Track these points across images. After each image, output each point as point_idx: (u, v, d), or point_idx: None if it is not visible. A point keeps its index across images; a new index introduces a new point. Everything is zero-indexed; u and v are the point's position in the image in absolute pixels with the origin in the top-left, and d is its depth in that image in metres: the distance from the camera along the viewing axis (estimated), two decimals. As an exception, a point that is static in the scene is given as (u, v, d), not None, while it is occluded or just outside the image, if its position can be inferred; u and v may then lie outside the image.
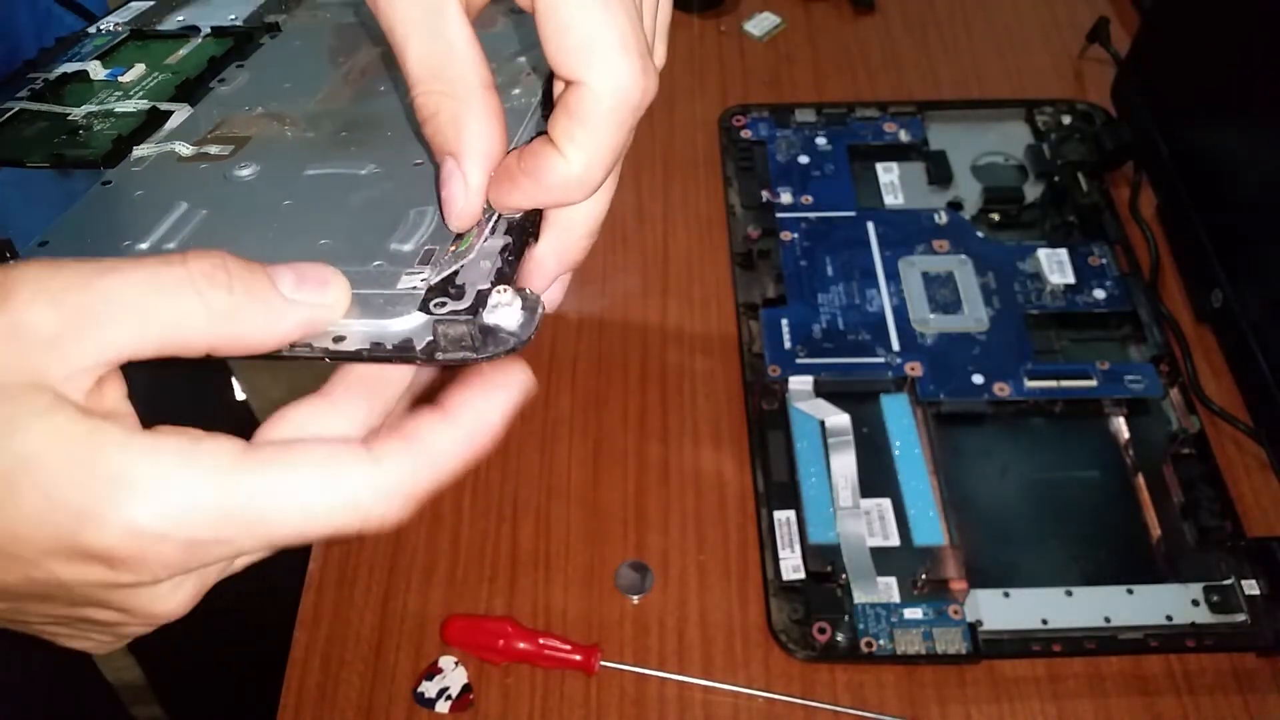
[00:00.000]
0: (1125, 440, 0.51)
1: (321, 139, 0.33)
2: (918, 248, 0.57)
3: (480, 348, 0.24)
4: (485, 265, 0.26)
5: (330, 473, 0.21)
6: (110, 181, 0.33)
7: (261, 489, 0.21)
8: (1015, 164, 0.62)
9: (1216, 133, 0.55)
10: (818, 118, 0.64)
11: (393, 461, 0.22)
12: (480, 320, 0.24)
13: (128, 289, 0.20)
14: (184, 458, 0.20)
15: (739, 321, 0.55)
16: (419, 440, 0.22)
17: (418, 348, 0.24)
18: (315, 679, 0.45)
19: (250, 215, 0.29)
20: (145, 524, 0.20)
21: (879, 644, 0.44)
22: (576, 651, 0.44)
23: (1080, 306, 0.55)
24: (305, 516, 0.21)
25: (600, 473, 0.51)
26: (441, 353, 0.24)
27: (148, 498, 0.20)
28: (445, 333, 0.24)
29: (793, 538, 0.47)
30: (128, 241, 0.29)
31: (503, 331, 0.24)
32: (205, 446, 0.20)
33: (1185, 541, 0.47)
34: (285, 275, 0.22)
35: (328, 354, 0.23)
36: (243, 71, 0.38)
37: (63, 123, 0.36)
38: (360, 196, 0.29)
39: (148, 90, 0.37)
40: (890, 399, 0.52)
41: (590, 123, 0.23)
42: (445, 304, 0.25)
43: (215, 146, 0.33)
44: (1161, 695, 0.44)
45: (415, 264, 0.26)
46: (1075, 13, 0.72)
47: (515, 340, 0.24)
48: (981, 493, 0.49)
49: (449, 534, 0.49)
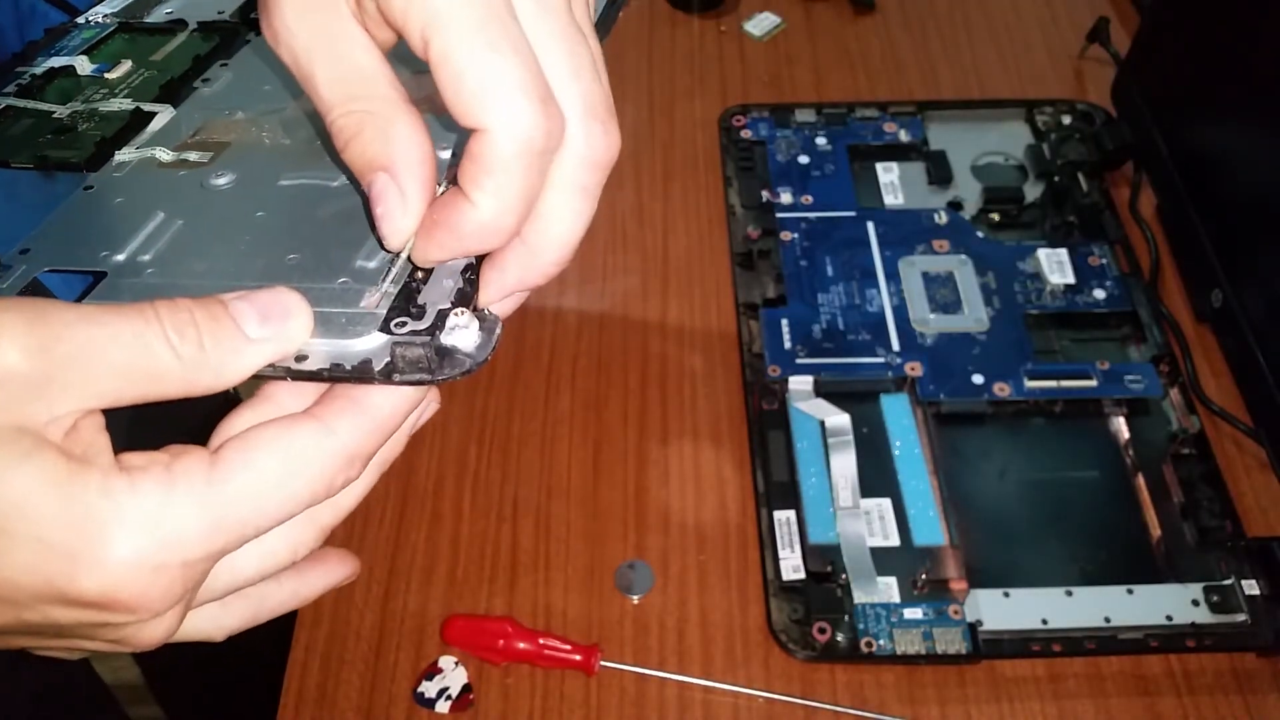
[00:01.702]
0: (1125, 440, 0.51)
1: (297, 146, 0.33)
2: (918, 248, 0.57)
3: (436, 370, 0.24)
4: (447, 284, 0.26)
5: (292, 454, 0.22)
6: (92, 186, 0.33)
7: (238, 492, 0.22)
8: (1015, 164, 0.62)
9: (1216, 133, 0.55)
10: (818, 118, 0.64)
11: (344, 425, 0.23)
12: (437, 342, 0.24)
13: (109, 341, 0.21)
14: (162, 487, 0.21)
15: (739, 321, 0.55)
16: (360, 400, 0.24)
17: (376, 369, 0.24)
18: (315, 679, 0.45)
19: (224, 227, 0.30)
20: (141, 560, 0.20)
21: (879, 644, 0.44)
22: (576, 651, 0.44)
23: (1080, 306, 0.55)
24: (280, 498, 0.22)
25: (600, 473, 0.51)
26: (399, 374, 0.24)
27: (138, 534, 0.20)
28: (403, 355, 0.24)
29: (793, 538, 0.47)
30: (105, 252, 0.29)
31: (459, 353, 0.25)
32: (178, 469, 0.21)
33: (1185, 541, 0.47)
34: (249, 315, 0.23)
35: (289, 373, 0.24)
36: (226, 71, 0.38)
37: (48, 121, 0.36)
38: (330, 209, 0.30)
39: (133, 88, 0.37)
40: (890, 399, 0.52)
41: (495, 168, 0.22)
42: (405, 324, 0.25)
43: (194, 153, 0.33)
44: (1161, 695, 0.44)
45: (379, 280, 0.26)
46: (1075, 13, 0.72)
47: (471, 362, 0.24)
48: (981, 493, 0.49)
49: (449, 534, 0.49)
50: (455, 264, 0.26)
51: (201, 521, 0.21)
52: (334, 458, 0.23)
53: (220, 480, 0.22)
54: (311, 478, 0.23)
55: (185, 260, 0.28)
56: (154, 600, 0.21)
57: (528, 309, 0.57)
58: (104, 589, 0.20)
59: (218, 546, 0.22)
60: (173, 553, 0.21)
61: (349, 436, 0.23)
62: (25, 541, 0.20)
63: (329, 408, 0.24)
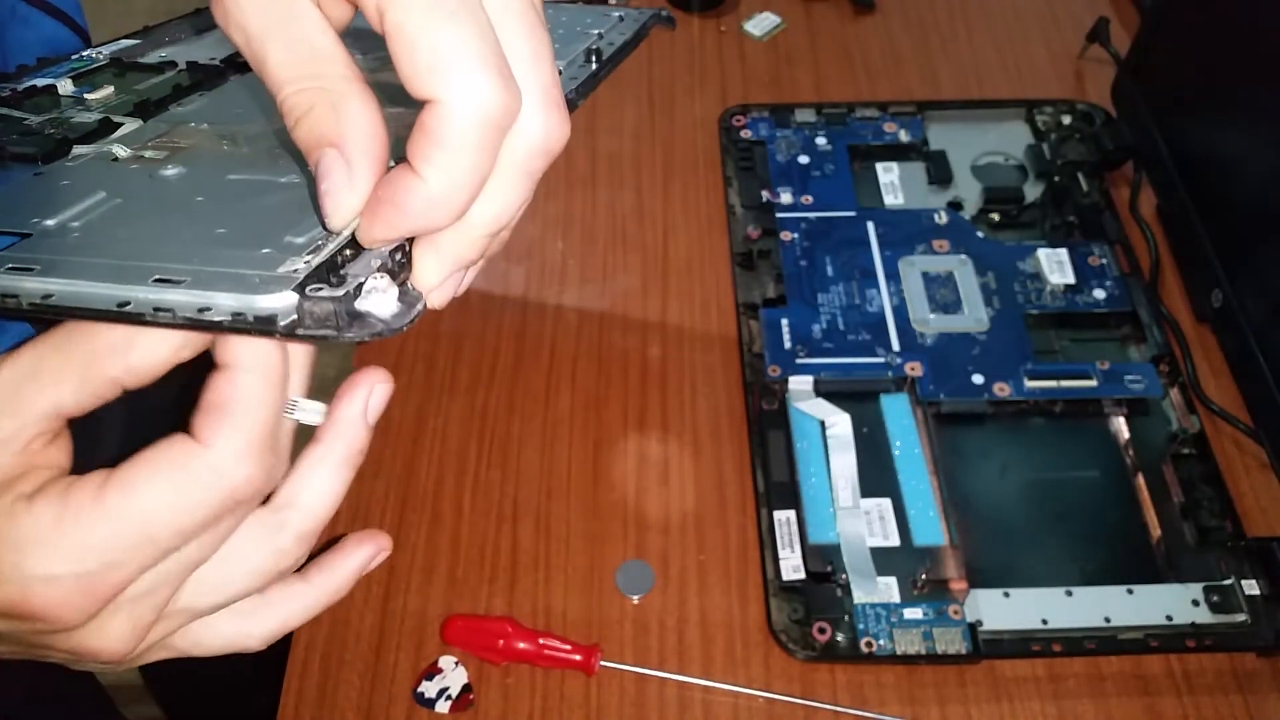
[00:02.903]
0: (1125, 440, 0.51)
1: (258, 154, 0.32)
2: (918, 248, 0.57)
3: (344, 328, 0.23)
4: (374, 262, 0.25)
5: (172, 470, 0.23)
6: (41, 173, 0.32)
7: (125, 508, 0.23)
8: (1015, 164, 0.62)
9: (1216, 133, 0.55)
10: (818, 118, 0.64)
11: (217, 435, 0.23)
12: (349, 304, 0.23)
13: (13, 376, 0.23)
14: (55, 508, 0.22)
15: (739, 321, 0.55)
16: (228, 403, 0.24)
17: (279, 324, 0.23)
18: (315, 679, 0.45)
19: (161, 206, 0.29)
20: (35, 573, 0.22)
21: (879, 644, 0.44)
22: (576, 651, 0.44)
23: (1080, 306, 0.55)
24: (173, 513, 0.23)
25: (600, 473, 0.51)
26: (303, 329, 0.23)
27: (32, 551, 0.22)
28: (311, 310, 0.23)
29: (793, 538, 0.47)
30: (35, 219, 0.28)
31: (372, 317, 0.24)
32: (71, 492, 0.23)
33: (1185, 541, 0.47)
34: None
35: (191, 322, 0.23)
36: (204, 97, 0.37)
37: (17, 125, 0.36)
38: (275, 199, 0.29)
39: (108, 107, 0.37)
40: (890, 399, 0.52)
41: (446, 142, 0.22)
42: (321, 290, 0.24)
43: (152, 151, 0.33)
44: (1161, 695, 0.44)
45: (304, 254, 0.25)
46: (1075, 13, 0.72)
47: (384, 328, 0.23)
48: (981, 493, 0.49)
49: (449, 534, 0.49)
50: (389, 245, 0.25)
51: (90, 537, 0.22)
52: (212, 467, 0.23)
53: (106, 501, 0.23)
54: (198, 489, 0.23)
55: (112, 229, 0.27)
56: (58, 609, 0.23)
57: (527, 308, 0.57)
58: (10, 599, 0.22)
59: (112, 558, 0.23)
60: (64, 565, 0.22)
61: (224, 443, 0.23)
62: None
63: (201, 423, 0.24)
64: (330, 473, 0.26)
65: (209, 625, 0.27)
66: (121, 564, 0.23)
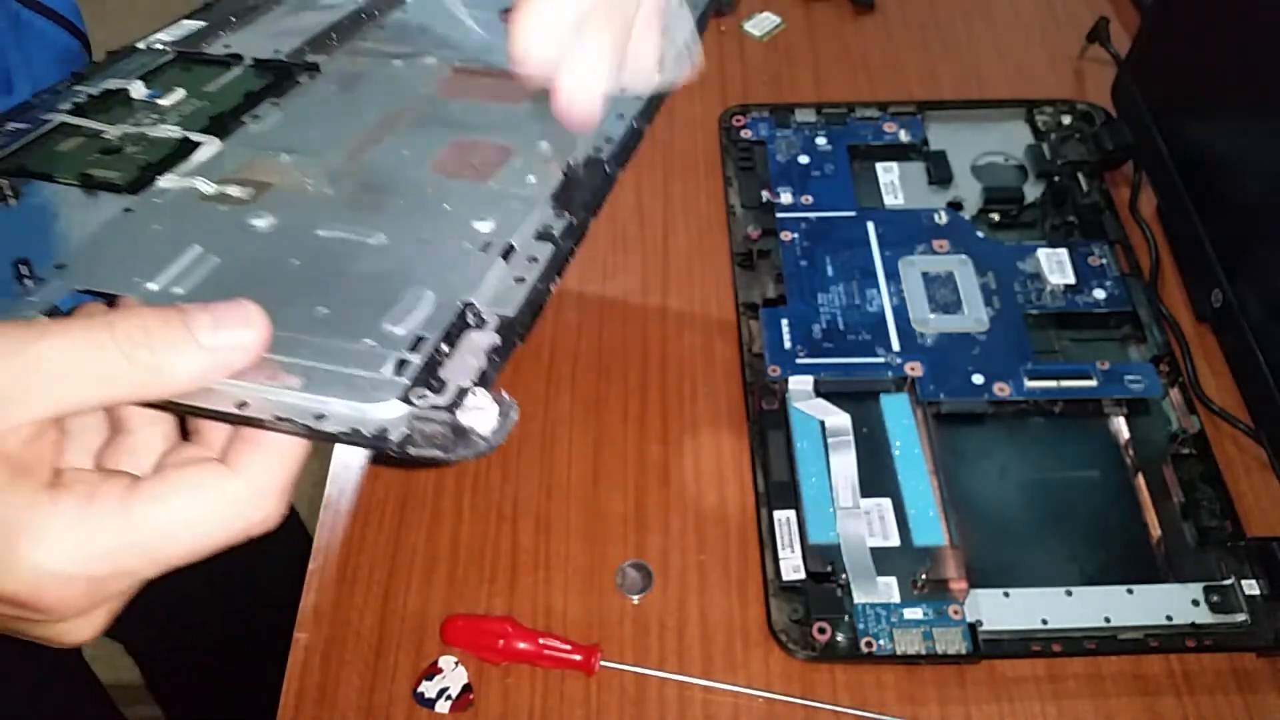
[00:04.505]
0: (1125, 440, 0.51)
1: (339, 198, 0.33)
2: (918, 248, 0.57)
3: (450, 448, 0.24)
4: (471, 362, 0.26)
5: (202, 494, 0.23)
6: (131, 209, 0.33)
7: (147, 524, 0.23)
8: (1015, 164, 0.62)
9: (1216, 133, 0.55)
10: (818, 118, 0.64)
11: (250, 468, 0.24)
12: (455, 421, 0.25)
13: (57, 354, 0.22)
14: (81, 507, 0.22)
15: (739, 321, 0.55)
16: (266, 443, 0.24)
17: (393, 439, 0.24)
18: (315, 679, 0.45)
19: (259, 270, 0.30)
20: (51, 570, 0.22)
21: (879, 644, 0.44)
22: (576, 651, 0.44)
23: (1080, 306, 0.55)
24: (192, 536, 0.23)
25: (600, 473, 0.51)
26: (414, 447, 0.24)
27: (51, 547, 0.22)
28: (420, 429, 0.24)
29: (793, 538, 0.47)
30: (138, 278, 0.29)
31: (475, 434, 0.25)
32: (99, 494, 0.23)
33: (1185, 541, 0.47)
34: (203, 322, 0.23)
35: (309, 431, 0.24)
36: (276, 110, 0.38)
37: (97, 140, 0.36)
38: (364, 267, 0.30)
39: (183, 116, 0.37)
40: (890, 399, 0.52)
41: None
42: (426, 396, 0.25)
43: (236, 188, 0.33)
44: (1161, 695, 0.44)
45: (404, 349, 0.26)
46: (1075, 13, 0.72)
47: (485, 445, 0.24)
48: (981, 493, 0.49)
49: (449, 534, 0.49)
50: (481, 341, 0.27)
51: (109, 544, 0.23)
52: (239, 497, 0.24)
53: (133, 510, 0.23)
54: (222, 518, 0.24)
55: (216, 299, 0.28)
56: (62, 607, 0.23)
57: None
58: (15, 591, 0.22)
59: (125, 568, 0.23)
60: (80, 567, 0.22)
61: (256, 479, 0.24)
62: None
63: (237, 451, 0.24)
64: None
65: None
66: (130, 574, 0.23)
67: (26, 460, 0.23)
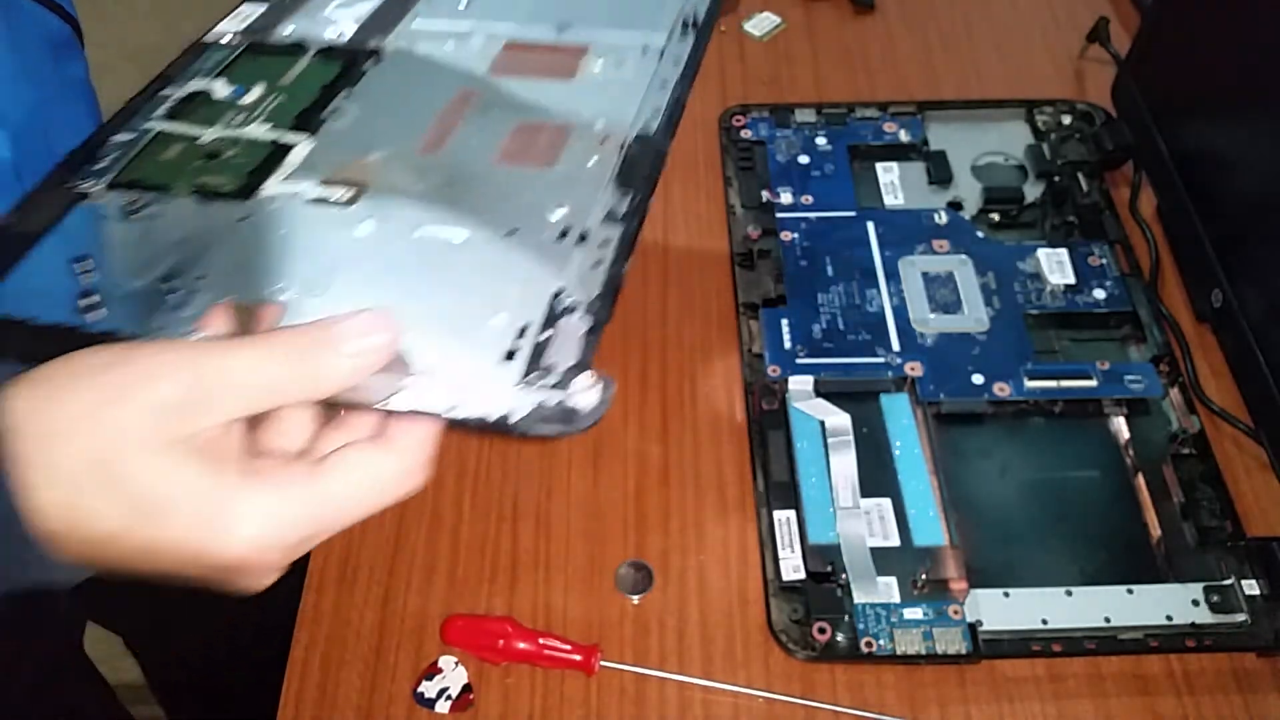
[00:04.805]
0: (1125, 440, 0.51)
1: (425, 196, 0.36)
2: (918, 248, 0.57)
3: (563, 427, 0.28)
4: (571, 347, 0.30)
5: (367, 473, 0.29)
6: (247, 217, 0.36)
7: (331, 498, 0.28)
8: (1015, 164, 0.62)
9: (1216, 133, 0.55)
10: (818, 118, 0.64)
11: (402, 449, 0.29)
12: (566, 403, 0.29)
13: (239, 367, 0.27)
14: (275, 488, 0.27)
15: (739, 321, 0.55)
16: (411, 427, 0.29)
17: (514, 423, 0.28)
18: (315, 679, 0.45)
19: (372, 274, 0.34)
20: (254, 543, 0.27)
21: (879, 644, 0.44)
22: (576, 651, 0.44)
23: (1080, 306, 0.55)
24: (361, 506, 0.29)
25: (600, 473, 0.51)
26: (533, 428, 0.28)
27: (254, 524, 0.27)
28: (538, 413, 0.28)
29: (793, 538, 0.47)
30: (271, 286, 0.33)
31: (582, 412, 0.29)
32: (288, 476, 0.28)
33: (1185, 541, 0.47)
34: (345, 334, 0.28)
35: (443, 420, 0.29)
36: (351, 103, 0.41)
37: (195, 147, 0.39)
38: (460, 262, 0.34)
39: (268, 113, 0.40)
40: (890, 399, 0.52)
41: None
42: (537, 382, 0.29)
43: (335, 190, 0.37)
44: (1161, 695, 0.44)
45: (511, 339, 0.31)
46: (1075, 13, 0.72)
47: (590, 421, 0.28)
48: (981, 493, 0.49)
49: (449, 534, 0.49)
50: (575, 326, 0.31)
51: (300, 517, 0.28)
52: (397, 473, 0.29)
53: (319, 489, 0.28)
54: (384, 489, 0.29)
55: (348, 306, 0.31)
56: (261, 571, 0.28)
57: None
58: (227, 561, 0.27)
59: (311, 534, 0.28)
60: (278, 538, 0.27)
61: (409, 457, 0.29)
62: (178, 522, 0.26)
63: (395, 434, 0.29)
64: None
65: None
66: (313, 538, 0.28)
67: (222, 453, 0.28)
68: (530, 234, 0.35)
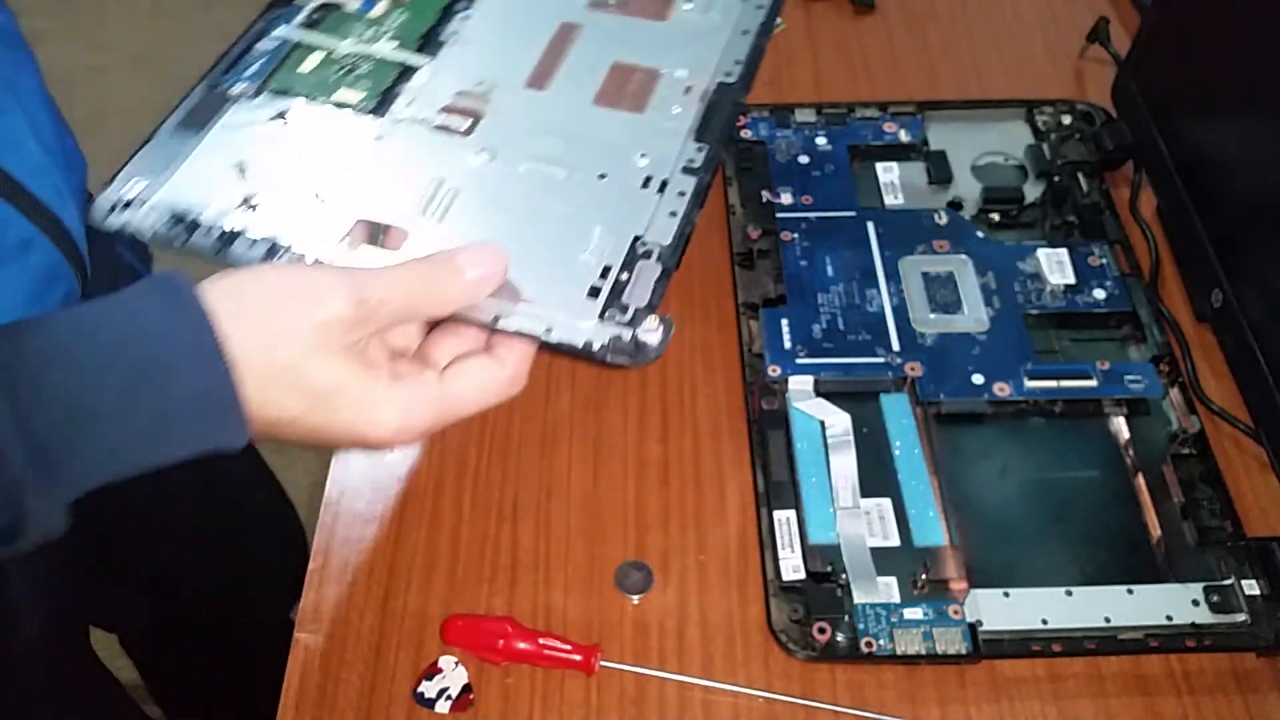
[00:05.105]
0: (1125, 440, 0.51)
1: (533, 130, 0.41)
2: (918, 248, 0.57)
3: (632, 357, 0.35)
4: (644, 289, 0.36)
5: (484, 379, 0.36)
6: (381, 137, 0.41)
7: (454, 398, 0.36)
8: (1015, 164, 0.62)
9: (1216, 133, 0.55)
10: (818, 118, 0.64)
11: (509, 361, 0.37)
12: (637, 337, 0.34)
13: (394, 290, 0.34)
14: (412, 390, 0.35)
15: (739, 321, 0.55)
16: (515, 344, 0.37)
17: (595, 350, 0.35)
18: (315, 679, 0.45)
19: (484, 204, 0.39)
20: (397, 430, 0.35)
21: (879, 644, 0.44)
22: (576, 651, 0.44)
23: (1080, 306, 0.55)
24: (478, 406, 0.36)
25: (600, 473, 0.51)
26: (609, 357, 0.35)
27: (397, 416, 0.35)
28: (613, 344, 0.35)
29: (793, 538, 0.47)
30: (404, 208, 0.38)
31: (649, 348, 0.35)
32: (421, 380, 0.36)
33: (1185, 541, 0.47)
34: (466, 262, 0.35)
35: (540, 340, 0.35)
36: (468, 24, 0.44)
37: (331, 60, 0.44)
38: (557, 201, 0.39)
39: (394, 30, 0.45)
40: (890, 399, 0.52)
41: None
42: (615, 317, 0.35)
43: (455, 119, 0.42)
44: (1161, 695, 0.44)
45: (596, 277, 0.36)
46: (1075, 13, 0.72)
47: (654, 355, 0.35)
48: (981, 493, 0.49)
49: (449, 534, 0.49)
50: (650, 271, 0.36)
51: (430, 412, 0.35)
52: (504, 382, 0.37)
53: (445, 390, 0.36)
54: (492, 394, 0.37)
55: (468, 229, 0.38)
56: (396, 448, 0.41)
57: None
58: (372, 443, 0.35)
59: (435, 424, 0.36)
60: (412, 427, 0.35)
61: (514, 368, 0.37)
62: (343, 413, 0.34)
63: (502, 349, 0.37)
64: None
65: None
66: (437, 426, 0.36)
67: (373, 358, 0.35)
68: (618, 179, 0.39)
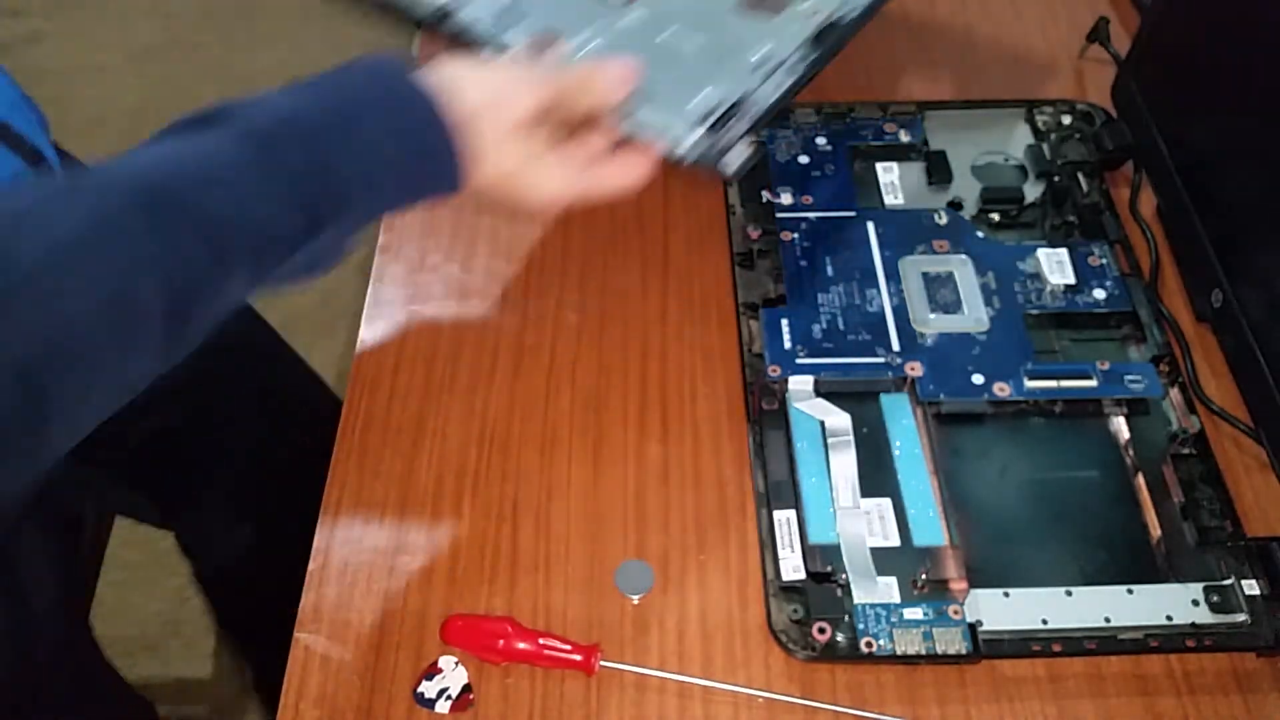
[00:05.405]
0: (1125, 440, 0.51)
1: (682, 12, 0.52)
2: (918, 248, 0.57)
3: (714, 165, 0.45)
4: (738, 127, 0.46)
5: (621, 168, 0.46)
6: None
7: (598, 180, 0.46)
8: (1015, 164, 0.62)
9: (1216, 133, 0.55)
10: (818, 118, 0.64)
11: (639, 159, 0.46)
12: (722, 146, 0.45)
13: (564, 87, 0.45)
14: (570, 168, 0.45)
15: (739, 321, 0.55)
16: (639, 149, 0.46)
17: (679, 152, 0.46)
18: (315, 679, 0.45)
19: (633, 49, 0.48)
20: (553, 197, 0.45)
21: (879, 644, 0.44)
22: (576, 651, 0.44)
23: (1080, 306, 0.55)
24: (613, 191, 0.46)
25: (600, 473, 0.51)
26: (694, 162, 0.45)
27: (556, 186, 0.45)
28: (699, 153, 0.45)
29: (793, 538, 0.47)
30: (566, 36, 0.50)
31: (730, 163, 0.46)
32: (578, 165, 0.45)
33: (1185, 541, 0.47)
34: (605, 69, 0.45)
35: (660, 146, 0.46)
36: None
37: None
38: (690, 59, 0.50)
39: None
40: (890, 399, 0.52)
41: None
42: (717, 136, 0.46)
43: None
44: (1161, 695, 0.44)
45: (705, 109, 0.47)
46: (1075, 13, 0.72)
47: (734, 173, 0.46)
48: (981, 493, 0.49)
49: (449, 534, 0.49)
50: (748, 119, 0.47)
51: (578, 188, 0.46)
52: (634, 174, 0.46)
53: (592, 175, 0.46)
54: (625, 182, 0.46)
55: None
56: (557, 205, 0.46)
57: (528, 308, 0.57)
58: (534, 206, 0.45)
59: (577, 199, 0.46)
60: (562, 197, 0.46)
61: (641, 165, 0.46)
62: (526, 179, 0.44)
63: (631, 150, 0.46)
64: None
65: None
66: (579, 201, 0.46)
67: (548, 141, 0.45)
68: (740, 55, 0.50)
